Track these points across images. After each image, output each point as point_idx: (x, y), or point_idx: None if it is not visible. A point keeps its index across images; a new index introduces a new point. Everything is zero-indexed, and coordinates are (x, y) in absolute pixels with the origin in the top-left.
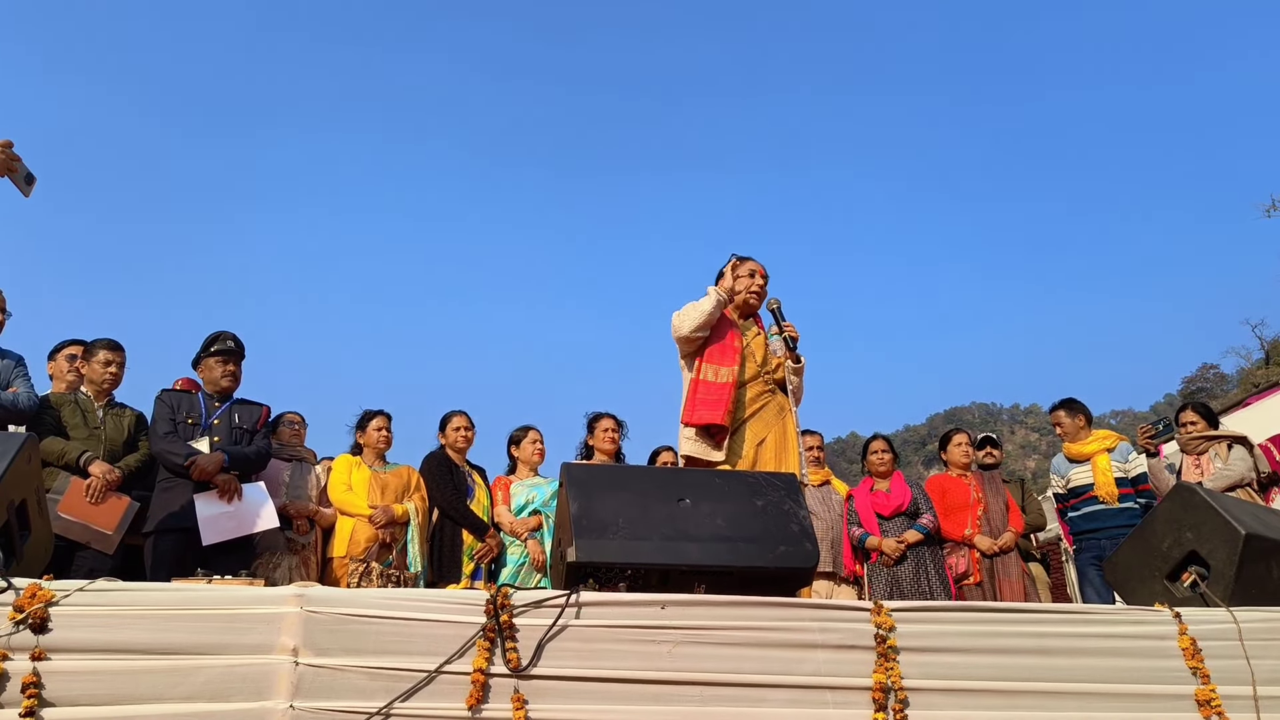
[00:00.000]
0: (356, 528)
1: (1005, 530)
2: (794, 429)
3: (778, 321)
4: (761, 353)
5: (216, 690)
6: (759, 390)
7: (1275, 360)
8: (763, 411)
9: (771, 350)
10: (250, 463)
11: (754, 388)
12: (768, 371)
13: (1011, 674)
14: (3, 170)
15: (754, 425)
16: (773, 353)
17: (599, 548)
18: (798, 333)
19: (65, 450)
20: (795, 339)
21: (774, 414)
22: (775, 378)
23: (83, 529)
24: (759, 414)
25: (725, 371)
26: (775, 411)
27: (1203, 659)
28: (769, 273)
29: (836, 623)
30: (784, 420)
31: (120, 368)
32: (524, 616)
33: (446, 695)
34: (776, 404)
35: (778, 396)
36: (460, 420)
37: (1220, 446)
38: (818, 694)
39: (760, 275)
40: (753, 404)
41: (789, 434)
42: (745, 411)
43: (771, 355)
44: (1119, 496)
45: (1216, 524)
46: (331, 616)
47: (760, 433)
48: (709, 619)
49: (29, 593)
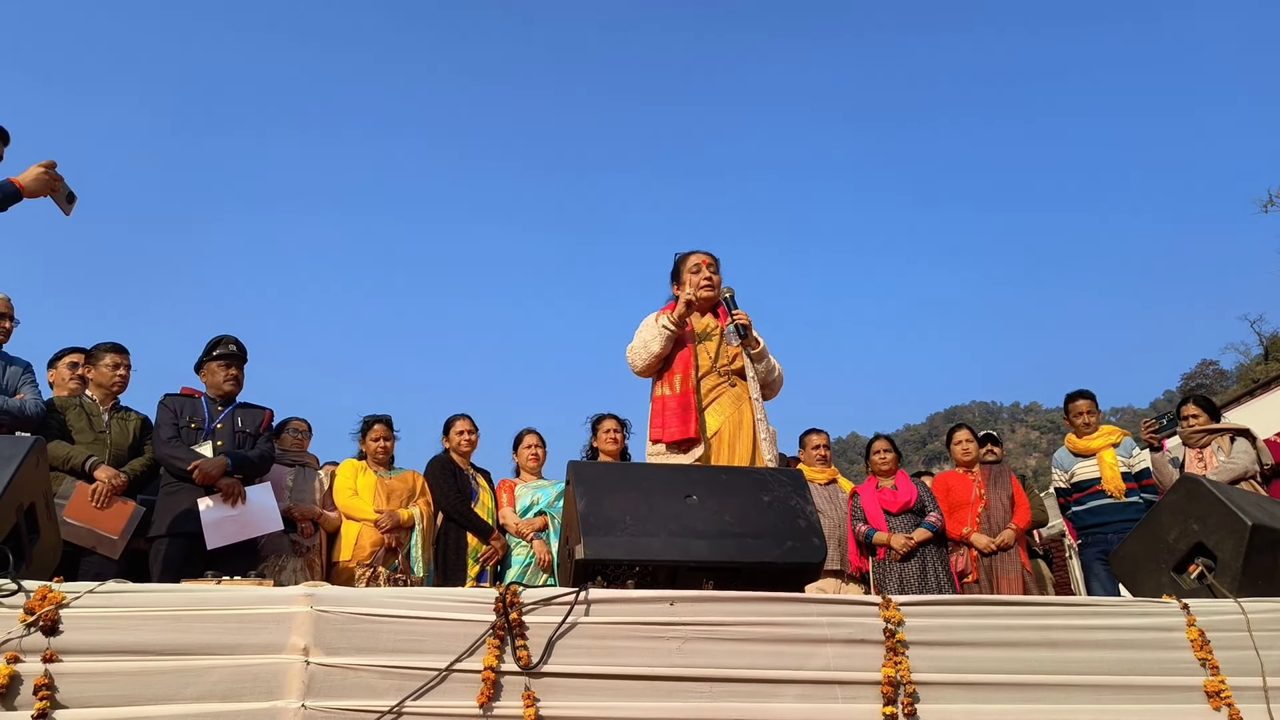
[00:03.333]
0: (362, 532)
1: (1005, 527)
2: (751, 417)
3: (729, 311)
4: (715, 346)
5: (228, 690)
6: (714, 383)
7: (1275, 356)
8: (718, 402)
9: (726, 340)
10: (254, 466)
11: (709, 381)
12: (724, 364)
13: (1020, 667)
14: (46, 189)
15: (708, 415)
16: (727, 342)
17: (607, 545)
18: (749, 319)
19: (71, 455)
20: (747, 326)
21: (730, 403)
22: (733, 368)
23: (88, 534)
24: (714, 405)
25: (678, 378)
26: (732, 401)
27: (1211, 650)
28: (716, 257)
29: (845, 617)
30: (741, 408)
31: (128, 370)
32: (533, 614)
33: (458, 693)
34: (733, 394)
35: (735, 386)
36: (463, 424)
37: (1223, 440)
38: (827, 689)
39: (706, 265)
40: (707, 396)
41: (745, 422)
42: (701, 404)
43: (728, 345)
44: (1124, 491)
45: (1223, 515)
46: (342, 616)
47: (714, 423)
48: (718, 615)
49: (39, 595)
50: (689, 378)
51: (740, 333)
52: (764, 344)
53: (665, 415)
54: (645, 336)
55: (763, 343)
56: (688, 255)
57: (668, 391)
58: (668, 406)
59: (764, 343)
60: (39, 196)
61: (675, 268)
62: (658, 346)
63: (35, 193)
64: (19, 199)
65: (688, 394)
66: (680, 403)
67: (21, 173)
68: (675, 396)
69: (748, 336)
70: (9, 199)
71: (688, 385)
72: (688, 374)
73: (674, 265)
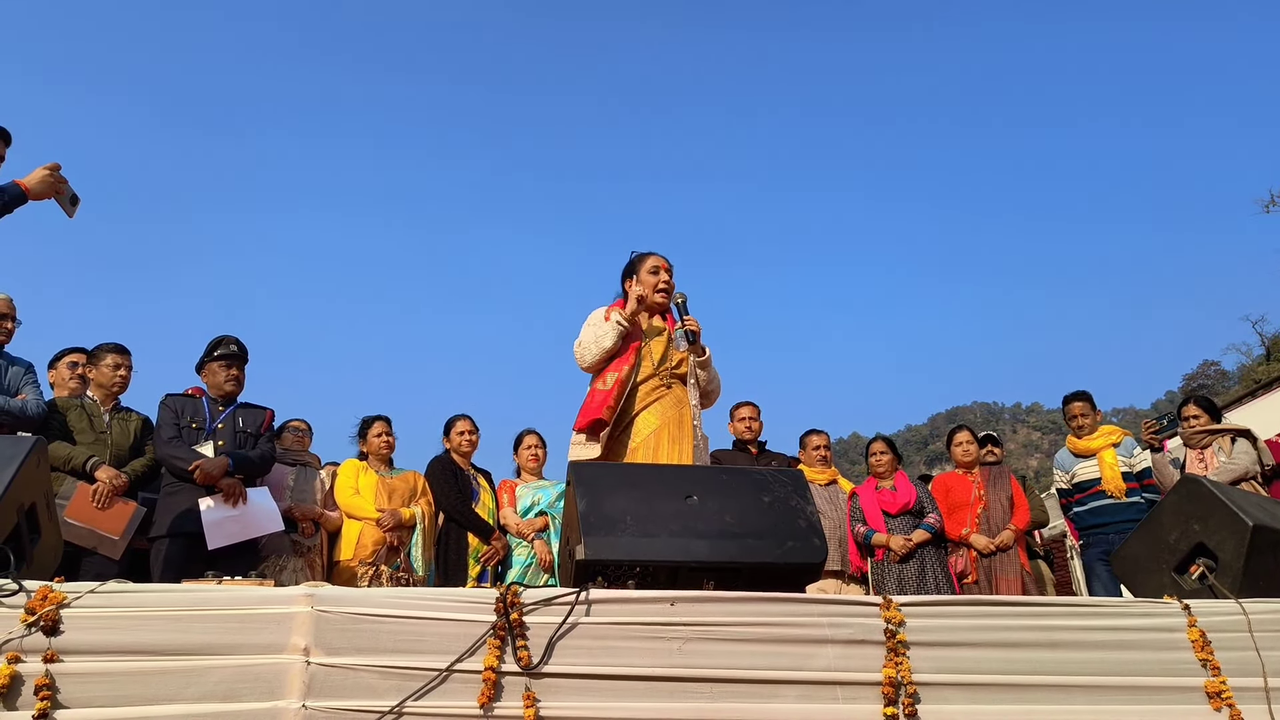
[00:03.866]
0: (363, 531)
1: (1004, 528)
2: (691, 420)
3: (680, 317)
4: (661, 350)
5: (229, 690)
6: (654, 386)
7: (1276, 356)
8: (657, 404)
9: (675, 345)
10: (255, 466)
11: (648, 384)
12: (667, 368)
13: (1021, 667)
14: (50, 192)
15: (645, 417)
16: (675, 347)
17: (607, 545)
18: (699, 326)
19: (71, 455)
20: (696, 332)
21: (670, 405)
22: (678, 373)
23: (89, 534)
24: (652, 406)
25: (611, 377)
26: (672, 403)
27: (1212, 650)
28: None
29: (846, 618)
30: (681, 411)
31: (129, 371)
32: (534, 614)
33: (458, 694)
34: (674, 396)
35: (675, 390)
36: (464, 424)
37: (1224, 440)
38: (828, 689)
39: (664, 270)
40: (648, 397)
41: (684, 424)
42: (637, 406)
43: (674, 351)
44: (1125, 491)
45: (1224, 516)
46: (342, 616)
47: (651, 423)
48: (718, 615)
49: (40, 595)
50: (623, 374)
51: (689, 338)
52: (710, 353)
53: (587, 405)
54: (597, 332)
55: (709, 351)
56: (646, 256)
57: (600, 386)
58: (594, 397)
59: (709, 351)
60: (44, 199)
61: (632, 266)
62: (609, 342)
63: (40, 195)
64: (24, 201)
65: (613, 389)
66: (604, 395)
67: (26, 175)
68: (603, 392)
69: (696, 343)
70: (14, 201)
71: (620, 381)
72: (622, 369)
73: (630, 263)
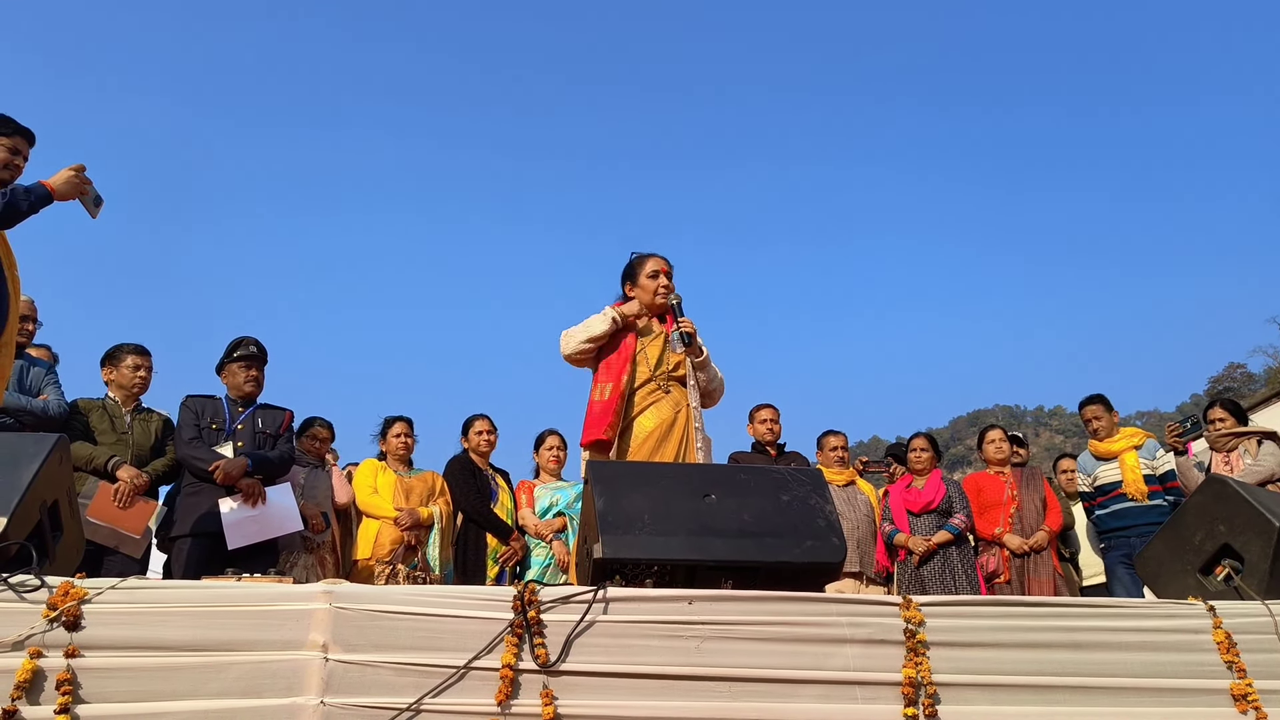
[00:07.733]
0: (382, 530)
1: (1038, 529)
2: (688, 422)
3: (675, 318)
4: (656, 354)
5: (248, 686)
6: (650, 390)
7: None
8: (653, 408)
9: (671, 347)
10: (274, 467)
11: (645, 388)
12: (664, 372)
13: (1043, 668)
14: (75, 193)
15: (642, 421)
16: (671, 349)
17: (625, 544)
18: (694, 327)
19: (93, 455)
20: (691, 334)
21: (668, 408)
22: (675, 376)
23: (111, 533)
24: (649, 410)
25: (609, 388)
26: (669, 406)
27: (1238, 653)
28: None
29: (865, 617)
30: (678, 413)
31: (149, 372)
32: (551, 612)
33: (476, 691)
34: (671, 400)
35: (674, 393)
36: (483, 424)
37: (1249, 443)
38: (847, 689)
39: (664, 273)
40: (645, 400)
41: (680, 426)
42: (634, 411)
43: (670, 353)
44: (1148, 494)
45: (1250, 516)
46: (360, 613)
47: (647, 427)
48: (737, 614)
49: (62, 590)
50: (620, 383)
51: (685, 340)
52: (707, 352)
53: (590, 418)
54: (588, 321)
55: (706, 351)
56: (646, 258)
57: (598, 396)
58: (595, 409)
59: (707, 351)
60: (69, 199)
61: (631, 268)
62: (599, 329)
63: (65, 195)
64: (50, 202)
65: (614, 399)
66: (605, 407)
67: (52, 175)
68: (603, 403)
69: (692, 344)
70: (41, 201)
71: (618, 391)
72: (619, 378)
73: (630, 265)
